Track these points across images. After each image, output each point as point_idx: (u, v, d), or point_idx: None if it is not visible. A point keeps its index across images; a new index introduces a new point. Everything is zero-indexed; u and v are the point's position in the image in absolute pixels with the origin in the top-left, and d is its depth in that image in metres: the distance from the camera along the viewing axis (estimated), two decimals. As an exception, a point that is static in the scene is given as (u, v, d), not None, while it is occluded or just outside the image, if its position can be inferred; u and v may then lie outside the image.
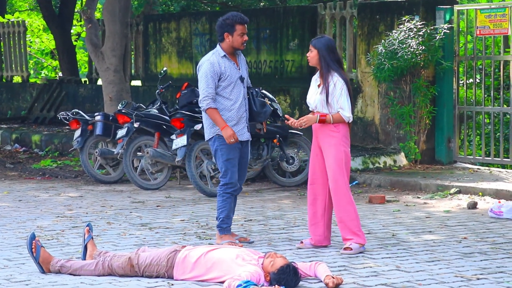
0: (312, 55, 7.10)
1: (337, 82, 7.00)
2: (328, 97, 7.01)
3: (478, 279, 6.04)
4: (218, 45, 7.42)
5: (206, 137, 7.45)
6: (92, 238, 6.48)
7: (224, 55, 7.37)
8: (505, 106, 11.82)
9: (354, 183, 11.07)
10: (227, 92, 7.35)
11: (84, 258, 6.42)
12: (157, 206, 9.74)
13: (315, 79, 7.19)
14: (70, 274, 6.20)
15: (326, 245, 7.21)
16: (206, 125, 7.43)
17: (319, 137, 7.14)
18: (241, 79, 7.41)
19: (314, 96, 7.14)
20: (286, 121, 7.47)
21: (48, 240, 7.64)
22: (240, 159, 7.47)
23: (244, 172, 7.58)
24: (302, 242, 7.27)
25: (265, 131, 10.86)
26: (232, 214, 7.43)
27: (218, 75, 7.31)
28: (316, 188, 7.19)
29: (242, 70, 7.47)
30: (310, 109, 7.23)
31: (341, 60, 7.18)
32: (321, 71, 7.08)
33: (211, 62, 7.32)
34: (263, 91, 10.59)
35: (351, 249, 6.92)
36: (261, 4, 20.32)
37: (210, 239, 7.64)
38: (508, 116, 11.69)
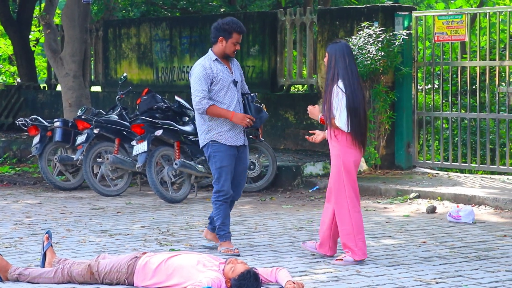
0: (325, 60, 6.85)
1: (335, 90, 6.69)
2: (326, 104, 6.71)
3: (437, 283, 6.10)
4: (210, 50, 7.34)
5: (201, 144, 7.33)
6: (51, 245, 6.43)
7: (216, 59, 7.28)
8: (463, 111, 11.95)
9: (314, 188, 11.11)
10: (220, 96, 7.25)
11: (43, 265, 6.36)
12: (118, 213, 9.68)
13: None
14: (29, 282, 6.14)
15: (330, 255, 6.97)
16: (200, 132, 7.30)
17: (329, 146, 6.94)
18: (234, 82, 7.30)
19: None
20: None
21: (6, 247, 7.55)
22: (238, 166, 7.36)
23: (244, 178, 7.44)
24: (304, 243, 7.11)
25: (261, 137, 10.85)
26: (228, 220, 7.33)
27: (211, 78, 7.21)
28: (330, 196, 6.94)
29: (236, 74, 7.36)
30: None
31: (353, 67, 6.74)
32: (326, 76, 6.81)
33: (203, 65, 7.24)
34: None
35: (342, 260, 6.76)
36: (222, 10, 20.33)
37: (171, 245, 7.61)
38: (466, 121, 11.83)
